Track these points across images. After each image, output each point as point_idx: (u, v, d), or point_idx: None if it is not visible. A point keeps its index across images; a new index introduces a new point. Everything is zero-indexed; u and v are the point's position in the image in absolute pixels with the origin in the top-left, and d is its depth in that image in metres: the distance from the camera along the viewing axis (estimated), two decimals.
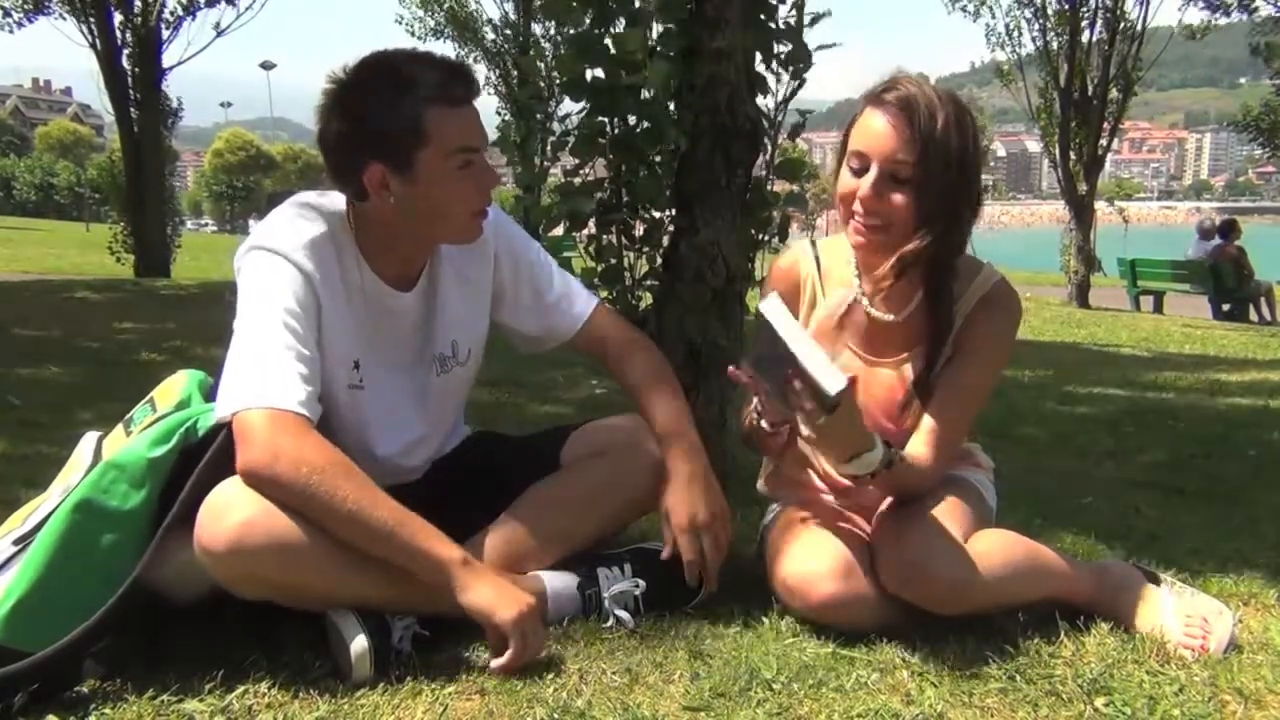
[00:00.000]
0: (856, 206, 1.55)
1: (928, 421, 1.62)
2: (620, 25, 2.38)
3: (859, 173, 1.55)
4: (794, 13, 2.41)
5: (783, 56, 2.43)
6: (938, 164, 1.50)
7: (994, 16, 15.51)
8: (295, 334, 1.44)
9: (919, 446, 1.60)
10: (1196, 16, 14.87)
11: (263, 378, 1.40)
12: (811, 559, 1.58)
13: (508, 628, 1.39)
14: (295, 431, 1.38)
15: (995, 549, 1.56)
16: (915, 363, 1.67)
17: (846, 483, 1.76)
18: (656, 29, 2.41)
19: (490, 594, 1.40)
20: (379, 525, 1.37)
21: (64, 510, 1.37)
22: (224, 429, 1.41)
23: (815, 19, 2.44)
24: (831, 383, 1.34)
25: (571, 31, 2.41)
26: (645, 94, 2.40)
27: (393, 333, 1.63)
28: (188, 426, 1.44)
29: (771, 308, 1.40)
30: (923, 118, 1.49)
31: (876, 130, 1.53)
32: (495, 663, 1.40)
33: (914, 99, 1.51)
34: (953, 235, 1.56)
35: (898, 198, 1.52)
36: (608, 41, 2.37)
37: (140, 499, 1.39)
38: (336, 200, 1.57)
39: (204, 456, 1.41)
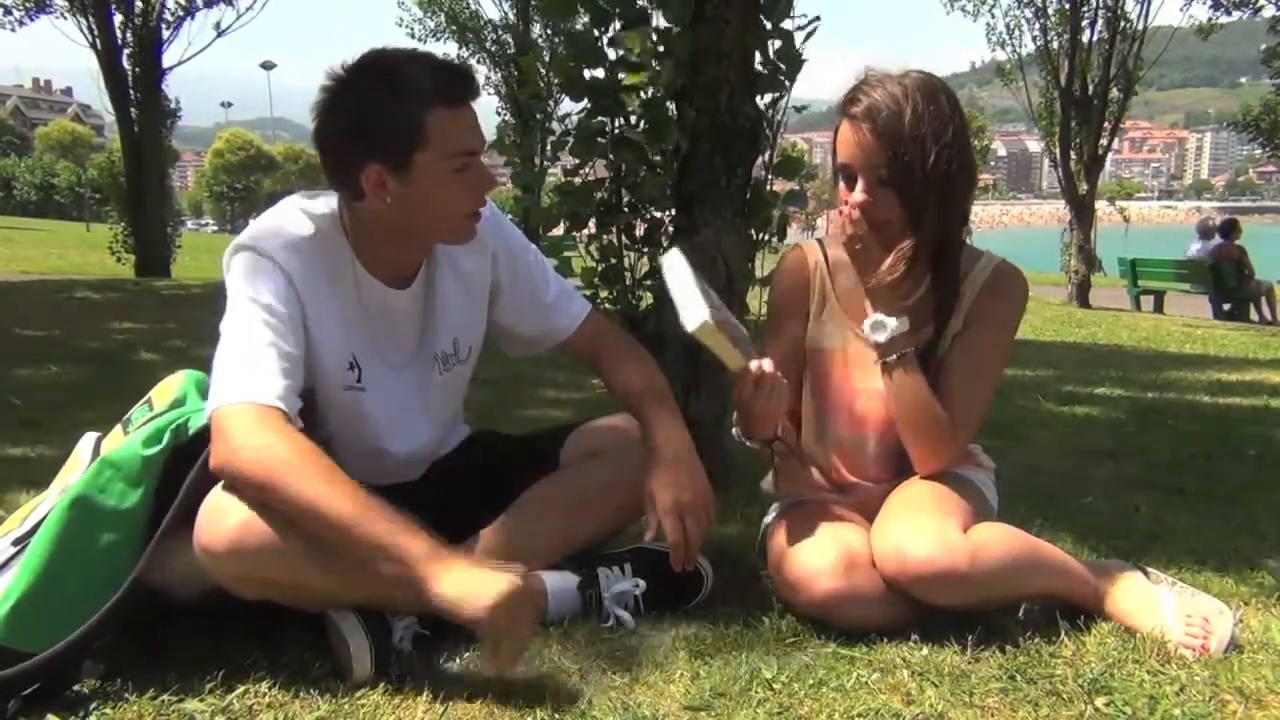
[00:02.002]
0: (856, 215, 1.60)
1: (946, 392, 1.66)
2: (617, 25, 2.38)
3: (850, 182, 1.61)
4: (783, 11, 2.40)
5: (774, 55, 2.43)
6: (914, 158, 1.55)
7: (994, 16, 15.55)
8: (274, 330, 1.43)
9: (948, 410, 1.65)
10: (1200, 14, 14.89)
11: (239, 375, 1.39)
12: (813, 555, 1.58)
13: (481, 624, 1.26)
14: (265, 425, 1.35)
15: (994, 541, 1.56)
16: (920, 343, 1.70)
17: (854, 479, 1.77)
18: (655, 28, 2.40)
19: (458, 587, 1.26)
20: (336, 518, 1.29)
21: (60, 508, 1.37)
22: None
23: (810, 28, 2.42)
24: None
25: (569, 31, 2.41)
26: (644, 94, 2.39)
27: (392, 331, 1.62)
28: (177, 425, 1.44)
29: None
30: (886, 121, 1.55)
31: (849, 142, 1.59)
32: (481, 665, 1.33)
33: (877, 105, 1.56)
34: (949, 212, 1.59)
35: (888, 198, 1.58)
36: (606, 41, 2.37)
37: (137, 498, 1.39)
38: (329, 199, 1.56)
39: (195, 455, 1.40)
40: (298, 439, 1.36)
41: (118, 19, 11.41)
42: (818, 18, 2.43)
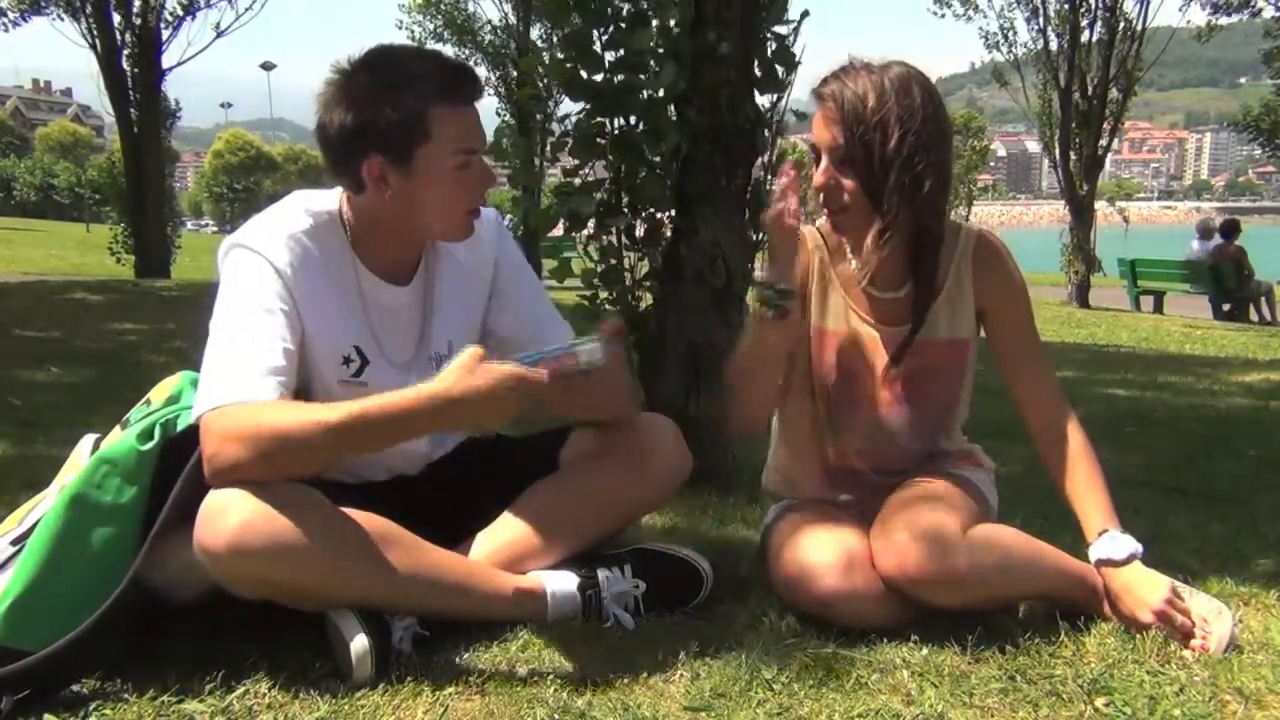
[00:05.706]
0: (820, 196, 1.65)
1: (1025, 371, 1.75)
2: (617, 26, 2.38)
3: (818, 163, 1.65)
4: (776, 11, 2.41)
5: (771, 56, 2.43)
6: (873, 141, 1.56)
7: (985, 18, 15.55)
8: (264, 329, 1.43)
9: (1039, 393, 1.75)
10: (1199, 16, 14.91)
11: (227, 378, 1.38)
12: (813, 553, 1.59)
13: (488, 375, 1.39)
14: (245, 412, 1.36)
15: (993, 539, 1.56)
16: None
17: (862, 467, 1.75)
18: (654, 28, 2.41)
19: (454, 379, 1.37)
20: (359, 418, 1.34)
21: (57, 506, 1.37)
22: None
23: (799, 21, 2.42)
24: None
25: (566, 31, 2.41)
26: (644, 95, 2.40)
27: (394, 329, 1.62)
28: (166, 422, 1.45)
29: None
30: (847, 102, 1.58)
31: (816, 123, 1.64)
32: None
33: (841, 87, 1.59)
34: (915, 198, 1.59)
35: (847, 180, 1.61)
36: (605, 42, 2.37)
37: (134, 493, 1.39)
38: (329, 197, 1.57)
39: (183, 451, 1.40)
40: (268, 404, 1.36)
41: (117, 19, 11.41)
42: (806, 12, 2.43)
